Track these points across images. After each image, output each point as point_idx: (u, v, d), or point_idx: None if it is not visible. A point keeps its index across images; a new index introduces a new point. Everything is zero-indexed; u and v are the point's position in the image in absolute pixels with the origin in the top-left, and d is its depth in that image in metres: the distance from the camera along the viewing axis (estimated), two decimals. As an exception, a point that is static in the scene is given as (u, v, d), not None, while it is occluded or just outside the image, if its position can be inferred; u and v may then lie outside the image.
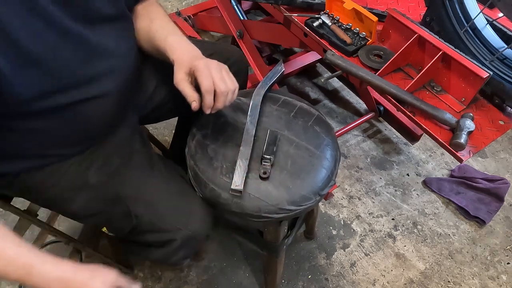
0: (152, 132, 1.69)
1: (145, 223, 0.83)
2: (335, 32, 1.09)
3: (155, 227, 0.83)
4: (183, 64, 0.75)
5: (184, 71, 0.74)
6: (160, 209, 0.83)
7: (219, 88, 0.73)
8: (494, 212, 1.53)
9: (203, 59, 0.76)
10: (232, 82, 0.76)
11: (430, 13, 1.03)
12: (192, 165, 0.90)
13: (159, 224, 0.82)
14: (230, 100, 0.77)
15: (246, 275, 1.36)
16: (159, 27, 0.83)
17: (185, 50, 0.78)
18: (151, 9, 0.87)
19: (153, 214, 0.82)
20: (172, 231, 0.82)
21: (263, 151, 0.87)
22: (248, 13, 2.16)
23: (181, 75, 0.74)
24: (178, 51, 0.77)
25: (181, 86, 0.74)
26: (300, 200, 0.84)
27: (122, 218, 0.82)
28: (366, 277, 1.38)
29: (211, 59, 0.77)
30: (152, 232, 0.84)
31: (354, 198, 1.58)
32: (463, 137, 0.85)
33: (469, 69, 0.88)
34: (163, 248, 0.84)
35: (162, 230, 0.83)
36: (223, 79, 0.74)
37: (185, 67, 0.74)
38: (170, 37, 0.80)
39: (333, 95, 1.96)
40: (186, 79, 0.74)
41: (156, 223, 0.82)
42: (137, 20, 0.85)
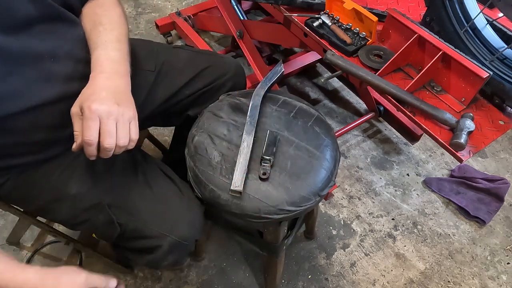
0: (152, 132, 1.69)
1: (130, 230, 0.81)
2: (335, 32, 1.09)
3: (140, 234, 0.81)
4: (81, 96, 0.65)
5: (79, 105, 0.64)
6: (144, 216, 0.81)
7: (103, 144, 0.63)
8: (494, 212, 1.53)
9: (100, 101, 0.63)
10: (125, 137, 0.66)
11: (430, 13, 1.03)
12: (191, 166, 0.90)
13: (144, 231, 0.81)
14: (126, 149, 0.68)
15: (246, 275, 1.36)
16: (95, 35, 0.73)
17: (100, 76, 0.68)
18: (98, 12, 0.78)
19: (137, 222, 0.81)
20: (157, 238, 0.81)
21: (263, 152, 0.87)
22: (248, 13, 2.16)
23: (74, 108, 0.64)
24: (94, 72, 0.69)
25: (73, 120, 0.65)
26: (300, 201, 0.84)
27: (106, 226, 0.81)
28: (366, 277, 1.38)
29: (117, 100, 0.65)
30: (138, 239, 0.82)
31: (354, 198, 1.58)
32: (463, 137, 0.85)
33: (469, 69, 0.88)
34: (152, 254, 0.83)
35: (147, 237, 0.81)
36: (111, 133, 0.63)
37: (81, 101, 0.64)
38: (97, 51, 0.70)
39: (333, 95, 1.96)
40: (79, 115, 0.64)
41: (140, 230, 0.81)
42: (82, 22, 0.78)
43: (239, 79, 1.06)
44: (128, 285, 1.32)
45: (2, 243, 1.36)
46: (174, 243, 0.82)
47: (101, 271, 1.34)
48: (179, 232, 0.82)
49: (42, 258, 1.36)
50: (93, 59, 0.70)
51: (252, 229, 1.10)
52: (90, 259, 1.36)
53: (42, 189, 0.80)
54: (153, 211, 0.82)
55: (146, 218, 0.81)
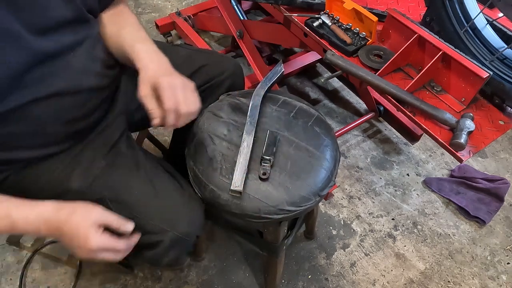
0: (152, 132, 1.69)
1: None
2: (335, 32, 1.09)
3: (141, 230, 0.81)
4: (148, 79, 0.73)
5: (149, 86, 0.72)
6: (145, 211, 0.82)
7: (182, 110, 0.72)
8: (494, 212, 1.53)
9: (169, 75, 0.74)
10: (195, 103, 0.75)
11: (430, 13, 1.03)
12: (191, 166, 0.90)
13: (145, 226, 0.81)
14: (191, 119, 0.76)
15: (246, 275, 1.36)
16: (127, 34, 0.81)
17: (152, 60, 0.77)
18: (121, 17, 0.85)
19: (138, 217, 0.81)
20: (159, 233, 0.81)
21: (263, 152, 0.87)
22: (248, 13, 2.16)
23: (145, 90, 0.72)
24: (145, 60, 0.76)
25: (145, 101, 0.72)
26: (300, 201, 0.84)
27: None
28: (366, 277, 1.38)
29: (177, 75, 0.75)
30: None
31: (354, 198, 1.58)
32: (463, 137, 0.85)
33: (469, 69, 0.88)
34: (153, 250, 0.83)
35: (148, 232, 0.81)
36: (186, 100, 0.72)
37: (149, 82, 0.72)
38: (138, 45, 0.78)
39: (333, 95, 1.95)
40: (150, 95, 0.72)
41: (141, 226, 0.81)
42: (104, 27, 0.84)
43: (237, 78, 1.06)
44: (128, 285, 1.32)
45: (2, 243, 1.36)
46: (175, 239, 0.82)
47: (101, 271, 1.34)
48: (180, 228, 0.83)
49: (42, 258, 1.36)
50: (136, 51, 0.77)
51: (252, 229, 1.10)
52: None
53: (44, 184, 0.80)
54: (155, 206, 0.83)
55: (147, 213, 0.82)
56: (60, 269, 1.34)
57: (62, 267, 1.34)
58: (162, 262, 0.86)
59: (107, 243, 0.68)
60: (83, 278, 1.33)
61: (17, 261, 1.34)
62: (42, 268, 1.34)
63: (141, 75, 0.74)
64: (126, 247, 0.72)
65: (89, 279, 1.32)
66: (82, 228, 0.66)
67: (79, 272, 1.33)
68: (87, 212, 0.67)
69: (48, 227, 0.66)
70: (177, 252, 0.86)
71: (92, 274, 1.34)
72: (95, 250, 0.67)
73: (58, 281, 1.32)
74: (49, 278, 1.32)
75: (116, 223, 0.70)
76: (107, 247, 0.68)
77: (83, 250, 0.67)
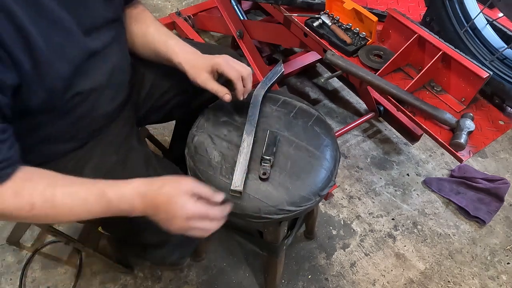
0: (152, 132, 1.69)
1: (139, 223, 0.82)
2: (335, 32, 1.09)
3: (150, 228, 0.81)
4: (201, 66, 0.81)
5: (206, 71, 0.81)
6: None
7: (245, 73, 0.83)
8: (494, 212, 1.53)
9: (217, 56, 0.83)
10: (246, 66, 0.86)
11: (430, 13, 1.03)
12: (191, 166, 0.90)
13: (152, 225, 0.82)
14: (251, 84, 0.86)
15: (246, 275, 1.36)
16: (155, 32, 0.87)
17: (188, 52, 0.84)
18: (144, 15, 0.90)
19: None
20: (166, 232, 0.82)
21: (263, 152, 0.87)
22: (248, 13, 2.16)
23: (204, 75, 0.81)
24: (183, 54, 0.83)
25: (210, 85, 0.81)
26: (300, 201, 0.84)
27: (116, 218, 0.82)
28: (366, 277, 1.38)
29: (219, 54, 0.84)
30: (147, 232, 0.83)
31: (354, 198, 1.58)
32: (463, 137, 0.85)
33: (469, 69, 0.88)
34: (159, 249, 0.84)
35: (157, 230, 0.82)
36: (242, 67, 0.84)
37: (206, 67, 0.81)
38: (171, 41, 0.85)
39: (333, 95, 1.96)
40: (211, 78, 0.81)
41: (150, 223, 0.81)
42: (131, 24, 0.88)
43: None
44: (128, 285, 1.32)
45: (2, 243, 1.36)
46: (182, 238, 0.82)
47: (101, 271, 1.34)
48: None
49: (42, 258, 1.36)
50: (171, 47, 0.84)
51: (252, 229, 1.10)
52: (90, 259, 1.36)
53: None
54: None
55: None
56: (60, 269, 1.34)
57: (62, 267, 1.34)
58: (168, 261, 0.87)
59: (203, 209, 0.67)
60: (83, 278, 1.33)
61: (17, 261, 1.34)
62: (42, 268, 1.34)
63: (186, 66, 0.82)
64: (220, 215, 0.71)
65: (89, 279, 1.32)
66: (176, 197, 0.66)
67: (79, 272, 1.33)
68: (178, 183, 0.68)
69: (143, 202, 0.67)
70: (183, 252, 0.87)
71: (92, 274, 1.34)
72: (191, 217, 0.66)
73: (58, 281, 1.32)
74: (49, 278, 1.32)
75: (207, 192, 0.70)
76: (202, 213, 0.67)
77: (179, 220, 0.67)
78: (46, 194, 0.62)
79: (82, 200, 0.64)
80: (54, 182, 0.64)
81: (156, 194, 0.67)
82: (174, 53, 0.83)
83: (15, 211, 0.61)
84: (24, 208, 0.61)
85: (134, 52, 0.90)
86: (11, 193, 0.60)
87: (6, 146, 0.59)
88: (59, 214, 0.64)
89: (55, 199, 0.63)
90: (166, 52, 0.84)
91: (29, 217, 0.63)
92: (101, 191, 0.66)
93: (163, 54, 0.85)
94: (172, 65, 0.85)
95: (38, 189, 0.62)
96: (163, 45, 0.85)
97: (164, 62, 0.87)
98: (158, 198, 0.66)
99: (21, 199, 0.61)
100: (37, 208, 0.62)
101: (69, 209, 0.64)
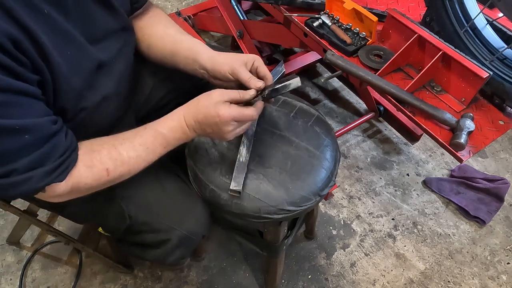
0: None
1: (139, 223, 0.83)
2: (335, 32, 1.09)
3: (150, 227, 0.83)
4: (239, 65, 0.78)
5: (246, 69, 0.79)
6: (154, 209, 0.83)
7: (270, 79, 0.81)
8: (494, 212, 1.53)
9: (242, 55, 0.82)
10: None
11: (430, 13, 1.03)
12: (191, 166, 0.90)
13: (153, 224, 0.83)
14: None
15: (246, 275, 1.36)
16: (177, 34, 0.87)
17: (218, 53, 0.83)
18: (161, 18, 0.90)
19: (147, 214, 0.83)
20: (166, 231, 0.83)
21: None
22: (248, 13, 2.16)
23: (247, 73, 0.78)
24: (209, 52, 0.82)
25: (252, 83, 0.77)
26: (300, 200, 0.84)
27: (116, 218, 0.83)
28: (366, 277, 1.38)
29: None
30: (147, 232, 0.84)
31: (354, 198, 1.58)
32: (463, 137, 0.85)
33: (469, 69, 0.88)
34: (159, 248, 0.85)
35: (156, 230, 0.83)
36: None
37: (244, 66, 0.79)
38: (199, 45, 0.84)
39: (333, 95, 1.96)
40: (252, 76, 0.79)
41: (150, 223, 0.82)
42: (146, 27, 0.87)
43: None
44: (128, 285, 1.32)
45: (2, 243, 1.36)
46: (182, 237, 0.83)
47: (101, 271, 1.34)
48: (188, 226, 0.84)
49: (42, 258, 1.36)
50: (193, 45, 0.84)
51: (252, 229, 1.10)
52: (90, 259, 1.36)
53: None
54: (163, 204, 0.84)
55: (156, 211, 0.83)
56: (60, 269, 1.34)
57: (62, 267, 1.34)
58: (167, 261, 0.87)
59: (239, 111, 0.71)
60: (83, 278, 1.33)
61: (17, 261, 1.34)
62: (42, 268, 1.34)
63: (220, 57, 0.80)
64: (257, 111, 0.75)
65: (89, 279, 1.32)
66: (212, 108, 0.70)
67: (79, 272, 1.33)
68: (209, 96, 0.72)
69: (189, 124, 0.72)
70: (183, 251, 0.87)
71: (92, 274, 1.34)
72: (230, 121, 0.71)
73: (58, 281, 1.32)
74: (49, 278, 1.32)
75: (237, 94, 0.73)
76: (239, 115, 0.71)
77: (224, 128, 0.71)
78: (113, 155, 0.68)
79: (143, 147, 0.70)
80: (112, 144, 0.69)
81: (195, 113, 0.72)
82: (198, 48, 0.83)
83: (95, 181, 0.67)
84: (102, 175, 0.67)
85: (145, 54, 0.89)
86: (85, 169, 0.65)
87: (63, 135, 0.62)
88: (131, 167, 0.70)
89: (122, 157, 0.68)
90: (193, 53, 0.83)
91: (108, 181, 0.69)
92: (154, 131, 0.71)
93: (185, 53, 0.83)
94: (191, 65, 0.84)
95: (104, 155, 0.67)
96: (187, 47, 0.84)
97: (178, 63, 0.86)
98: (198, 117, 0.71)
99: (96, 169, 0.66)
100: (111, 170, 0.68)
101: (137, 159, 0.70)
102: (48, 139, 0.59)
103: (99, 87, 0.73)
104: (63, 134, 0.62)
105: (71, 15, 0.63)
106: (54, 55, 0.58)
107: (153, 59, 0.90)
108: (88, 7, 0.67)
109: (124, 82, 0.81)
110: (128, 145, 0.69)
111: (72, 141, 0.65)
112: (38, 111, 0.58)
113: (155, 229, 0.83)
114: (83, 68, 0.66)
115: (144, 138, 0.71)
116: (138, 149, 0.70)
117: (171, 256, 0.86)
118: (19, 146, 0.56)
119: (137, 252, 0.92)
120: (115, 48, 0.75)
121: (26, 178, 0.58)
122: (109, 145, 0.68)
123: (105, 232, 0.96)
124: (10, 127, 0.54)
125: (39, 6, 0.56)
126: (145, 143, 0.71)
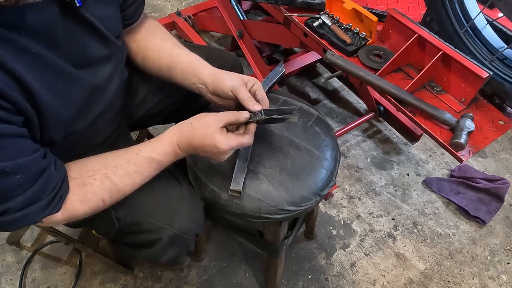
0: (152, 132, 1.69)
1: (129, 224, 0.81)
2: (335, 32, 1.09)
3: (139, 228, 0.81)
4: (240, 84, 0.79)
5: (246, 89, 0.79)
6: (142, 209, 0.82)
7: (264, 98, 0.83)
8: (494, 212, 1.53)
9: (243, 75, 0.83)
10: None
11: (430, 13, 1.03)
12: (192, 166, 0.90)
13: (143, 224, 0.81)
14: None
15: (246, 275, 1.36)
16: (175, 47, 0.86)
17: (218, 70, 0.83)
18: (155, 29, 0.90)
19: (136, 216, 0.81)
20: (157, 231, 0.81)
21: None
22: (248, 13, 2.16)
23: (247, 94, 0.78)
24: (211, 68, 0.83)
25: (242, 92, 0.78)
26: (300, 200, 0.84)
27: (104, 222, 0.81)
28: (366, 277, 1.38)
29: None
30: (137, 233, 0.82)
31: (354, 198, 1.58)
32: (463, 137, 0.85)
33: (469, 69, 0.88)
34: (151, 248, 0.83)
35: (146, 230, 0.81)
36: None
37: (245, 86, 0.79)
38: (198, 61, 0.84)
39: (333, 95, 1.96)
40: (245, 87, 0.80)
41: (139, 224, 0.81)
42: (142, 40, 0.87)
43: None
44: (128, 285, 1.32)
45: (2, 243, 1.36)
46: (173, 236, 0.82)
47: (101, 271, 1.34)
48: (178, 225, 0.82)
49: (42, 258, 1.36)
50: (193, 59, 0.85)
51: (252, 229, 1.10)
52: (90, 259, 1.36)
53: None
54: (151, 204, 0.82)
55: (144, 212, 0.81)
56: (60, 269, 1.34)
57: (62, 267, 1.34)
58: (161, 261, 0.86)
59: (236, 141, 0.72)
60: (83, 278, 1.33)
61: (17, 261, 1.34)
62: (42, 268, 1.34)
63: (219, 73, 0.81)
64: (251, 138, 0.76)
65: (89, 279, 1.32)
66: (209, 138, 0.70)
67: (79, 272, 1.33)
68: (204, 123, 0.72)
69: (182, 148, 0.73)
70: (176, 251, 0.86)
71: (92, 274, 1.34)
72: (227, 151, 0.73)
73: (58, 281, 1.32)
74: (49, 278, 1.32)
75: (233, 117, 0.74)
76: (237, 144, 0.73)
77: (220, 156, 0.73)
78: (107, 186, 0.68)
79: (138, 174, 0.71)
80: (104, 174, 0.68)
81: (190, 140, 0.72)
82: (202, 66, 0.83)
83: (92, 210, 0.69)
84: (98, 205, 0.69)
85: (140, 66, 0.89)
86: (80, 203, 0.66)
87: (53, 167, 0.62)
88: (127, 192, 0.72)
89: (117, 187, 0.69)
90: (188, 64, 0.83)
91: (105, 207, 0.71)
92: (148, 158, 0.72)
93: (183, 67, 0.83)
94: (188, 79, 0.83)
95: (97, 186, 0.67)
96: (185, 59, 0.84)
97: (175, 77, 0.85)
98: (193, 144, 0.72)
99: (91, 201, 0.67)
100: (107, 199, 0.69)
101: (132, 186, 0.72)
102: (40, 175, 0.60)
103: (92, 109, 0.73)
104: (53, 166, 0.63)
105: (61, 48, 0.61)
106: (42, 94, 0.58)
107: (148, 71, 0.89)
108: (79, 39, 0.65)
109: (118, 97, 0.81)
110: (122, 174, 0.70)
111: (61, 170, 0.65)
112: (26, 150, 0.58)
113: (145, 229, 0.81)
114: (75, 99, 0.66)
115: (138, 166, 0.71)
116: (133, 177, 0.71)
117: (163, 255, 0.84)
118: (12, 186, 0.57)
119: (131, 252, 0.91)
120: (109, 70, 0.75)
121: (22, 215, 0.59)
122: (101, 175, 0.68)
123: (98, 234, 0.95)
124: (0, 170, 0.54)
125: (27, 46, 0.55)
126: (139, 170, 0.71)
